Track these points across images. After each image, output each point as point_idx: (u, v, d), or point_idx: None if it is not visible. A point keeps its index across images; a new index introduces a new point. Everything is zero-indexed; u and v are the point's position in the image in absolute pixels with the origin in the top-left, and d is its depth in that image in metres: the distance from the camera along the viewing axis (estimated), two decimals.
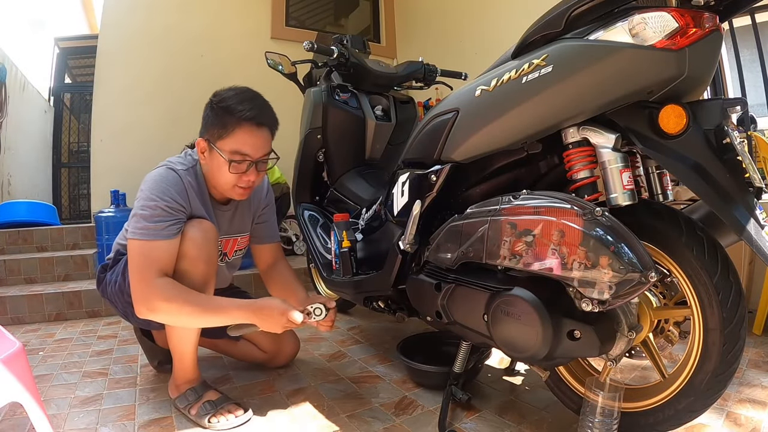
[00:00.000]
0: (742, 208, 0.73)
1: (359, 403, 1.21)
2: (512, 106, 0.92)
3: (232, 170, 1.09)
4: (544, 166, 1.04)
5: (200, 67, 3.33)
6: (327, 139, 1.70)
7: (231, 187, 1.13)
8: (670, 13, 0.74)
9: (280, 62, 1.76)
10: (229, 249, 1.30)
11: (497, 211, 0.91)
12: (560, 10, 0.85)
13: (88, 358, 1.61)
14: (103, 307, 2.23)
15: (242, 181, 1.12)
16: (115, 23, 3.15)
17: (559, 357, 0.86)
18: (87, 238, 2.84)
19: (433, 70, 1.83)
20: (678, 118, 0.75)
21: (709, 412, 0.87)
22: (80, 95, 5.25)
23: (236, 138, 1.08)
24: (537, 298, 0.84)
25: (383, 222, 1.38)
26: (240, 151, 1.09)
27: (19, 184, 3.97)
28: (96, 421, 1.14)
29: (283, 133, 1.23)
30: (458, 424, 1.08)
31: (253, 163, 1.12)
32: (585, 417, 0.89)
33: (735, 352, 0.78)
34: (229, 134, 1.08)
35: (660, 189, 0.99)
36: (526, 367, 1.35)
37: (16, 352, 0.90)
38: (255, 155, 1.11)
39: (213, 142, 1.10)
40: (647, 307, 0.89)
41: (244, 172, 1.11)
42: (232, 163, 1.08)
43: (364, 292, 1.39)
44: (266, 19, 3.57)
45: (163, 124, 3.19)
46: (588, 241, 0.76)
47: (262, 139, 1.12)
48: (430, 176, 1.12)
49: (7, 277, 2.43)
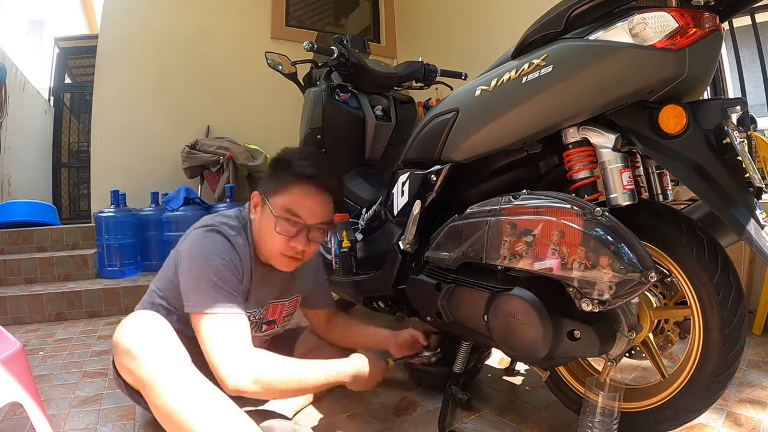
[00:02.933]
0: (742, 208, 0.73)
1: (359, 403, 1.21)
2: (512, 106, 0.92)
3: (279, 229, 0.96)
4: (544, 166, 1.04)
5: (200, 67, 3.34)
6: (327, 139, 1.70)
7: (277, 253, 0.99)
8: (670, 13, 0.74)
9: (280, 62, 1.76)
10: (277, 315, 1.13)
11: (497, 211, 0.91)
12: (560, 10, 0.85)
13: (88, 358, 1.61)
14: (103, 307, 2.23)
15: (289, 249, 0.98)
16: (115, 23, 3.15)
17: (559, 357, 0.86)
18: (87, 238, 2.84)
19: (433, 70, 1.83)
20: (678, 118, 0.75)
21: (709, 412, 0.87)
22: (80, 95, 5.24)
23: (291, 195, 0.97)
24: (537, 298, 0.84)
25: (383, 222, 1.38)
26: (292, 210, 0.96)
27: (19, 184, 3.97)
28: (96, 421, 1.14)
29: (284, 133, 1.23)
30: (458, 424, 1.08)
31: (306, 229, 0.98)
32: (585, 417, 0.89)
33: (735, 352, 0.78)
34: (284, 190, 0.97)
35: (660, 189, 0.99)
36: (526, 367, 1.35)
37: (16, 352, 0.90)
38: (309, 219, 0.98)
39: (268, 197, 0.99)
40: (647, 307, 0.89)
41: (293, 237, 0.97)
42: (279, 220, 0.96)
43: (364, 292, 1.39)
44: (266, 19, 3.57)
45: (163, 124, 3.20)
46: (588, 241, 0.76)
47: (320, 204, 0.99)
48: (430, 176, 1.12)
49: (7, 277, 2.43)
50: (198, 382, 0.85)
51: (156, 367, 0.85)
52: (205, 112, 3.36)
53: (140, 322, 0.93)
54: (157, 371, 0.84)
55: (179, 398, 0.82)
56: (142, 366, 0.85)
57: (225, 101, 3.41)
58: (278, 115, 3.28)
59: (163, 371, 0.84)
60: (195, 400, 0.82)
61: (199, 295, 0.91)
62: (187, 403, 0.81)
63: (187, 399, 0.82)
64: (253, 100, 3.46)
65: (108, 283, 2.36)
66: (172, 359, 0.87)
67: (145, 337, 0.89)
